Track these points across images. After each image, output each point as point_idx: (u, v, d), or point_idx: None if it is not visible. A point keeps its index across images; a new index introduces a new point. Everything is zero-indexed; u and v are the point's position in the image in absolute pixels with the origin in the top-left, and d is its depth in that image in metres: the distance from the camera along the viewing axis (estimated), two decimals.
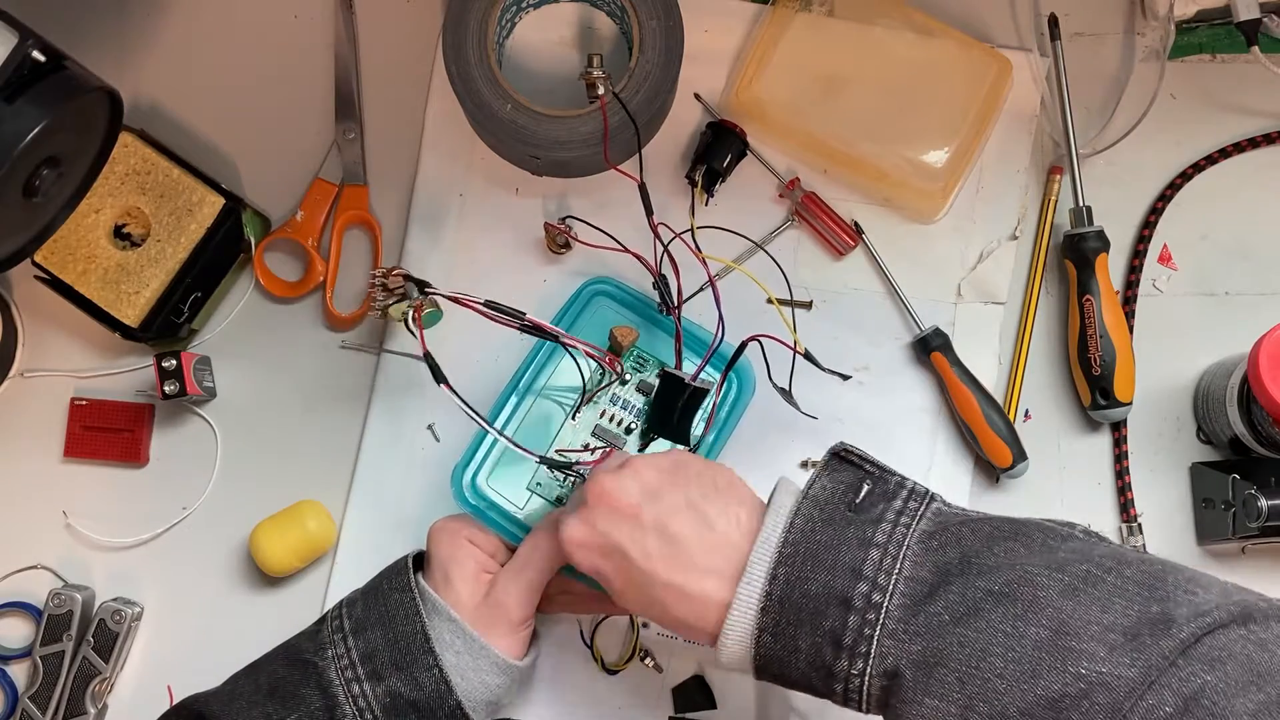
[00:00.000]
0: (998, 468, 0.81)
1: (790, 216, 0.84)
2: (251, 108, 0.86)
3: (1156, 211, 0.85)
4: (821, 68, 0.83)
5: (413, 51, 0.86)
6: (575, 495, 0.68)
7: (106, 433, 0.82)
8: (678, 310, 0.75)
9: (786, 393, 0.76)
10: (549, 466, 0.73)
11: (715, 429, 0.77)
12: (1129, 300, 0.84)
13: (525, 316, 0.71)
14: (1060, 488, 0.83)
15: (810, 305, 0.84)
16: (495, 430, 0.71)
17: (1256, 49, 0.83)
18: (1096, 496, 0.83)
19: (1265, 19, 0.83)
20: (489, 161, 0.85)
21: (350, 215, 0.84)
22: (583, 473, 0.73)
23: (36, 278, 0.80)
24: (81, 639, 0.79)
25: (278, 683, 0.67)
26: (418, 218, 0.84)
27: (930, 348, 0.82)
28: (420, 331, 0.71)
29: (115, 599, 0.80)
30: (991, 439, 0.80)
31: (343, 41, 0.86)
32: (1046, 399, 0.84)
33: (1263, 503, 0.76)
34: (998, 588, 0.55)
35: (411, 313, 0.71)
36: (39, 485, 0.83)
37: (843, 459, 0.63)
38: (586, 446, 0.76)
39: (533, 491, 0.77)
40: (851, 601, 0.57)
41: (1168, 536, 0.82)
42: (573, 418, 0.78)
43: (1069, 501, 0.83)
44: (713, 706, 0.79)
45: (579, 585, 0.74)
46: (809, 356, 0.76)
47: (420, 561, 0.73)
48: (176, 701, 0.70)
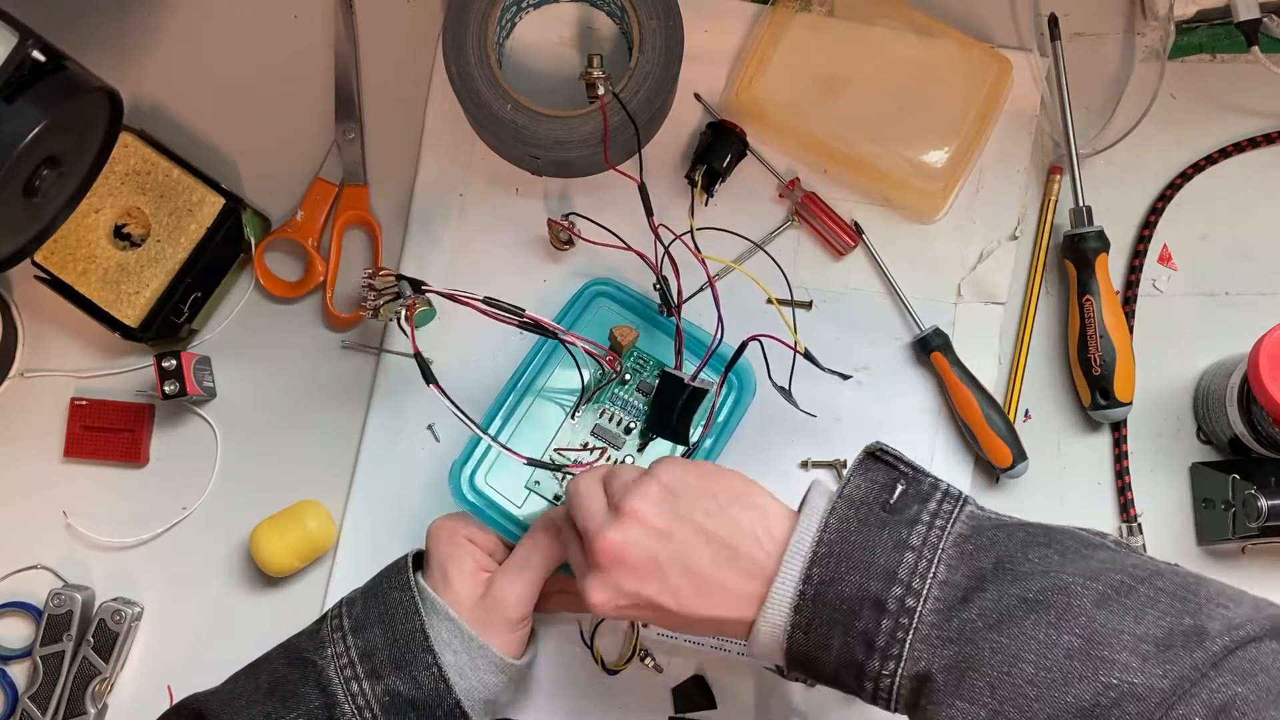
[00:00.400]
0: (998, 468, 0.81)
1: (790, 216, 0.84)
2: (251, 108, 0.86)
3: (1156, 211, 0.85)
4: (821, 68, 0.83)
5: (413, 51, 0.86)
6: (574, 553, 0.67)
7: (106, 433, 0.82)
8: (678, 311, 0.75)
9: (786, 392, 0.76)
10: (538, 468, 0.73)
11: (716, 430, 0.77)
12: (1129, 300, 0.84)
13: (524, 313, 0.71)
14: (1060, 488, 0.83)
15: (810, 305, 0.84)
16: (482, 432, 0.71)
17: (1256, 49, 0.83)
18: (1096, 496, 0.83)
19: (1265, 19, 0.83)
20: (489, 161, 0.85)
21: (350, 215, 0.84)
22: (572, 472, 0.73)
23: (36, 278, 0.80)
24: (81, 639, 0.79)
25: (277, 682, 0.67)
26: (418, 218, 0.84)
27: (930, 348, 0.82)
28: (411, 330, 0.71)
29: (115, 599, 0.80)
30: (991, 439, 0.80)
31: (343, 41, 0.86)
32: (1046, 399, 0.84)
33: (1263, 503, 0.76)
34: (1032, 595, 0.55)
35: (404, 312, 0.71)
36: (39, 485, 0.83)
37: (877, 459, 0.63)
38: (585, 446, 0.76)
39: (531, 490, 0.77)
40: (885, 604, 0.57)
41: (1168, 536, 0.82)
42: (572, 417, 0.78)
43: (1069, 501, 0.83)
44: (713, 706, 0.79)
45: (579, 585, 0.74)
46: (809, 356, 0.76)
47: (420, 560, 0.73)
48: (176, 701, 0.70)
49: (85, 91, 0.65)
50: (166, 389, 0.79)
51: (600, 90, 0.77)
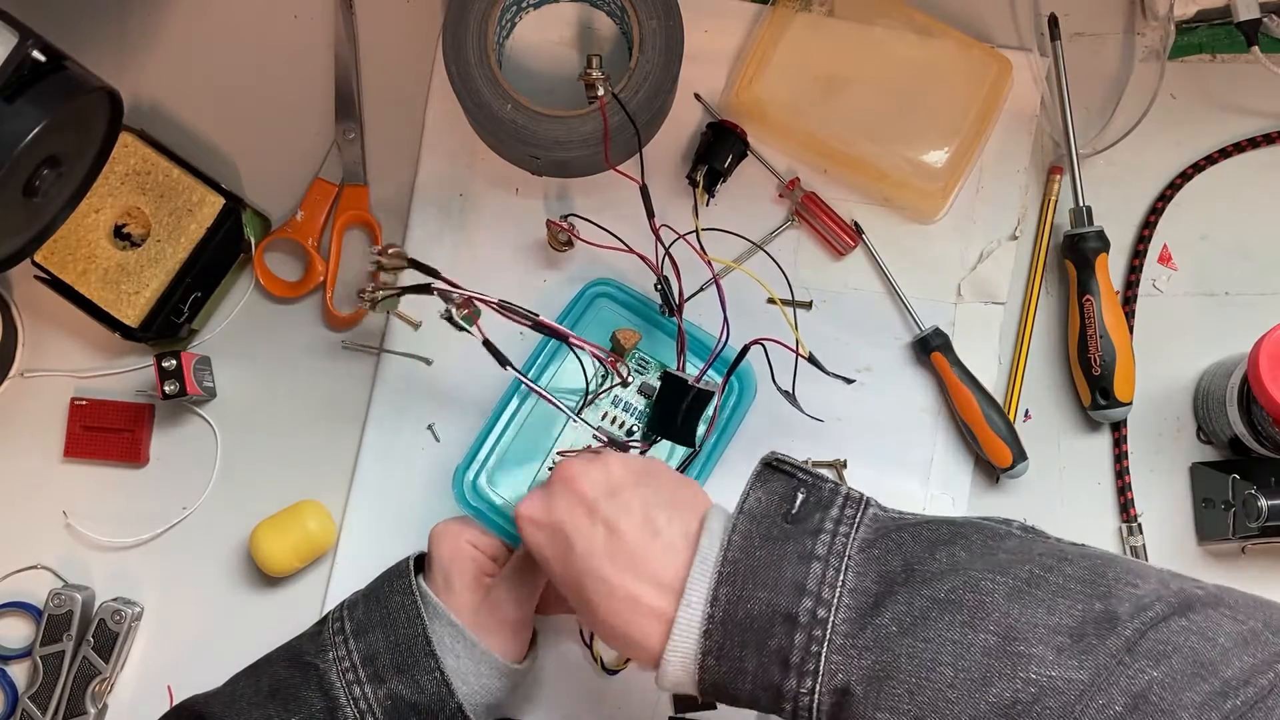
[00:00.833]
0: (998, 468, 0.81)
1: (790, 216, 0.84)
2: (251, 108, 0.86)
3: (1156, 211, 0.85)
4: (821, 68, 0.83)
5: (413, 51, 0.86)
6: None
7: (106, 433, 0.82)
8: (679, 313, 0.75)
9: (790, 395, 0.76)
10: (610, 440, 0.72)
11: (716, 431, 0.77)
12: (1129, 300, 0.84)
13: (538, 317, 0.71)
14: (1060, 488, 0.83)
15: (810, 305, 0.84)
16: (552, 399, 0.72)
17: (1256, 49, 0.83)
18: (1096, 496, 0.83)
19: (1265, 19, 0.83)
20: (489, 161, 0.85)
21: (350, 215, 0.84)
22: (628, 443, 0.73)
23: (36, 278, 0.80)
24: (81, 639, 0.79)
25: (279, 684, 0.67)
26: (418, 218, 0.84)
27: (930, 348, 0.82)
28: (478, 325, 0.72)
29: (115, 599, 0.80)
30: (991, 439, 0.80)
31: (343, 41, 0.86)
32: (1046, 399, 0.84)
33: (1263, 503, 0.76)
34: (943, 595, 0.54)
35: (454, 311, 0.71)
36: (39, 485, 0.83)
37: (774, 468, 0.62)
38: (589, 448, 0.76)
39: None
40: (797, 618, 0.55)
41: (1168, 536, 0.82)
42: (574, 419, 0.77)
43: (1069, 501, 0.83)
44: (713, 707, 0.79)
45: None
46: (814, 360, 0.76)
47: (421, 563, 0.73)
48: (177, 702, 0.70)
49: (85, 91, 0.65)
50: (166, 389, 0.79)
51: (600, 90, 0.77)
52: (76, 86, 0.65)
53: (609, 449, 0.69)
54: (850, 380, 0.78)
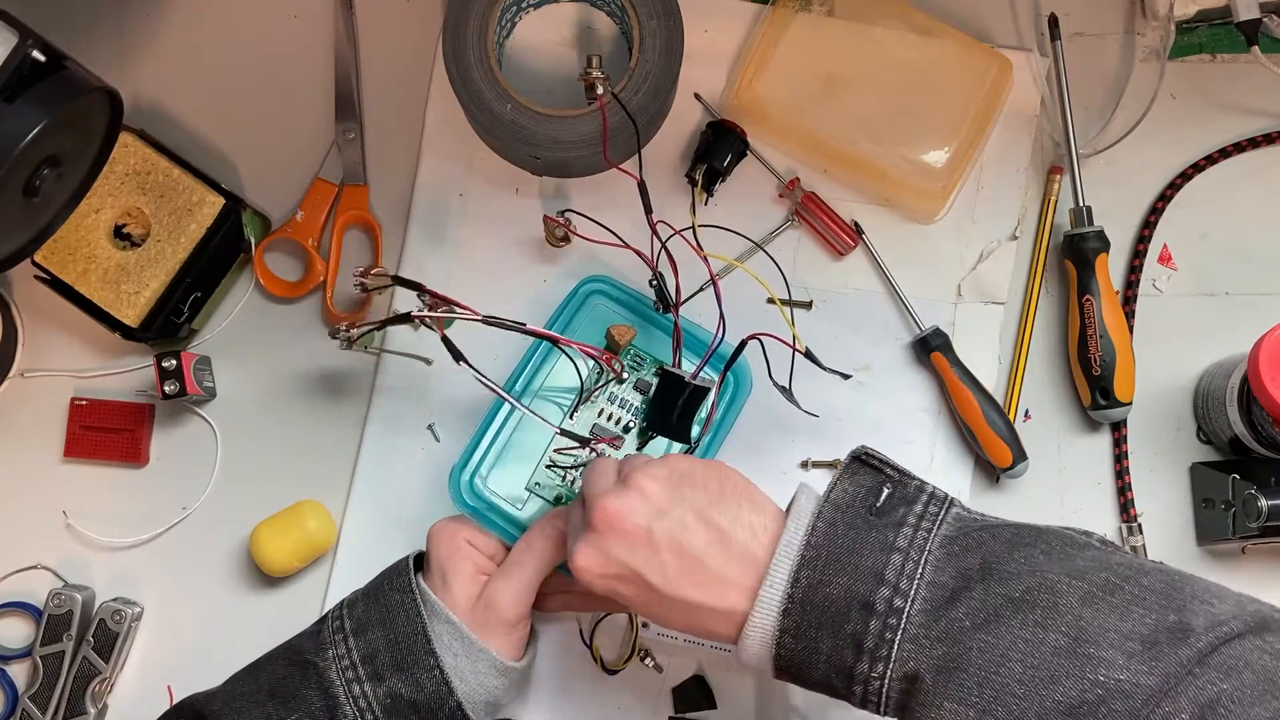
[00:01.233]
0: (998, 468, 0.81)
1: (790, 216, 0.84)
2: (251, 108, 0.86)
3: (1156, 211, 0.85)
4: (821, 68, 0.83)
5: (413, 51, 0.86)
6: (574, 514, 0.67)
7: (106, 433, 0.82)
8: (676, 309, 0.75)
9: (787, 391, 0.76)
10: (571, 439, 0.72)
11: (714, 428, 0.77)
12: (1129, 300, 0.84)
13: (525, 326, 0.71)
14: (1060, 488, 0.83)
15: (810, 305, 0.84)
16: (513, 400, 0.71)
17: (1256, 49, 0.83)
18: (1096, 496, 0.83)
19: (1265, 19, 0.83)
20: (489, 161, 0.85)
21: (350, 215, 0.84)
22: (598, 450, 0.73)
23: (36, 278, 0.80)
24: (81, 639, 0.79)
25: (278, 683, 0.67)
26: (418, 218, 0.84)
27: (930, 348, 0.82)
28: (439, 327, 0.71)
29: (115, 599, 0.80)
30: (991, 439, 0.80)
31: (343, 41, 0.86)
32: (1046, 399, 0.84)
33: (1263, 503, 0.76)
34: (1018, 594, 0.55)
35: (429, 323, 0.71)
36: (39, 485, 0.83)
37: (863, 462, 0.63)
38: (586, 444, 0.76)
39: (531, 492, 0.77)
40: (874, 606, 0.57)
41: (1168, 536, 0.82)
42: (570, 417, 0.78)
43: (1069, 501, 0.83)
44: (713, 706, 0.79)
45: (578, 584, 0.74)
46: (810, 355, 0.76)
47: (421, 562, 0.73)
48: (176, 701, 0.70)
49: (85, 91, 0.65)
50: (166, 389, 0.79)
51: (599, 90, 0.77)
52: (76, 86, 0.65)
53: (606, 458, 0.68)
54: (846, 376, 0.78)
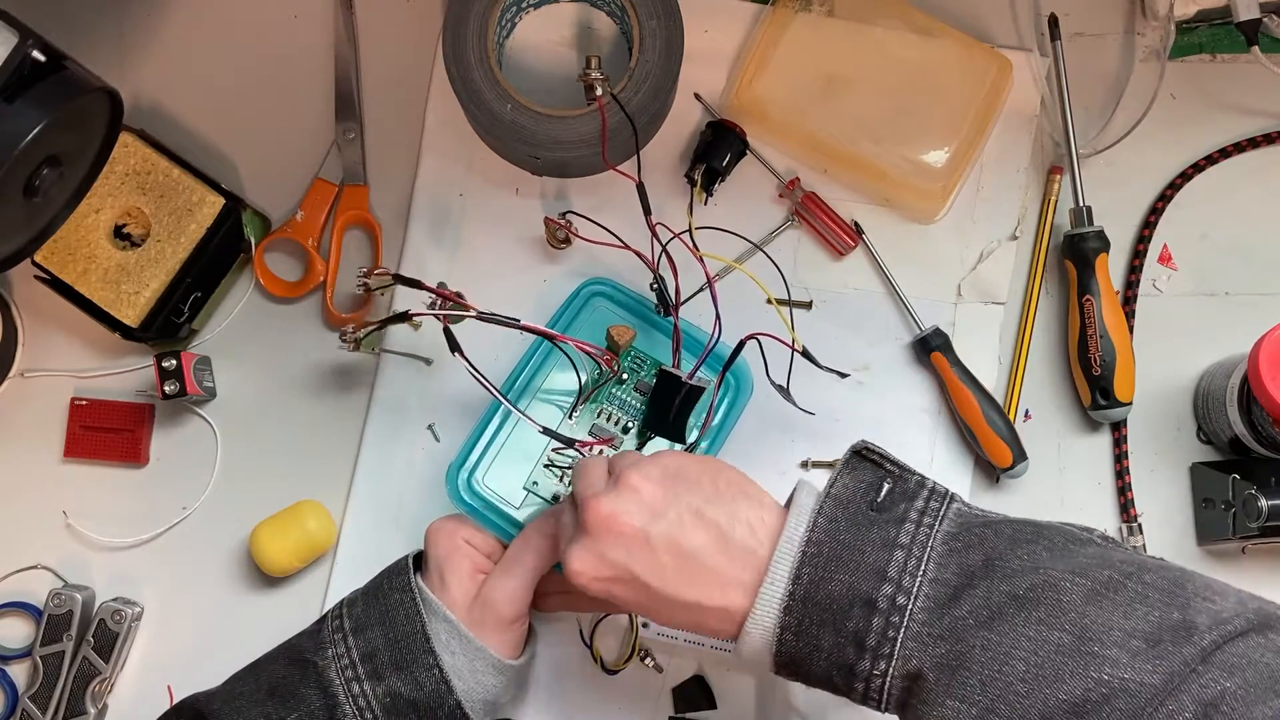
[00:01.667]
0: (998, 468, 0.81)
1: (790, 216, 0.84)
2: (251, 108, 0.86)
3: (1156, 211, 0.85)
4: (821, 68, 0.83)
5: (413, 51, 0.86)
6: (566, 516, 0.66)
7: (106, 433, 0.82)
8: (675, 310, 0.75)
9: (784, 389, 0.76)
10: (556, 440, 0.72)
11: (714, 430, 0.77)
12: (1129, 300, 0.84)
13: (520, 322, 0.70)
14: (1060, 488, 0.83)
15: (810, 306, 0.84)
16: (503, 397, 0.71)
17: (1256, 49, 0.83)
18: (1096, 496, 0.83)
19: (1265, 19, 0.83)
20: (489, 161, 0.85)
21: (350, 215, 0.85)
22: (584, 453, 0.73)
23: (36, 278, 0.80)
24: (81, 639, 0.79)
25: (278, 682, 0.67)
26: (418, 218, 0.84)
27: (930, 348, 0.82)
28: (445, 321, 0.71)
29: (115, 599, 0.80)
30: (991, 439, 0.80)
31: (343, 41, 0.86)
32: (1046, 399, 0.84)
33: (1263, 503, 0.76)
34: (1022, 591, 0.55)
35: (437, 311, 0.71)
36: (39, 485, 0.83)
37: (863, 457, 0.63)
38: (571, 444, 0.76)
39: (529, 491, 0.77)
40: (876, 603, 0.57)
41: (1168, 536, 0.82)
42: (570, 417, 0.78)
43: (1069, 501, 0.83)
44: (713, 706, 0.79)
45: (562, 553, 0.74)
46: (807, 354, 0.76)
47: (420, 562, 0.73)
48: (176, 701, 0.70)
49: (85, 91, 0.65)
50: (166, 389, 0.79)
51: (598, 91, 0.77)
52: (76, 86, 0.65)
53: (594, 458, 0.68)
54: (844, 374, 0.78)
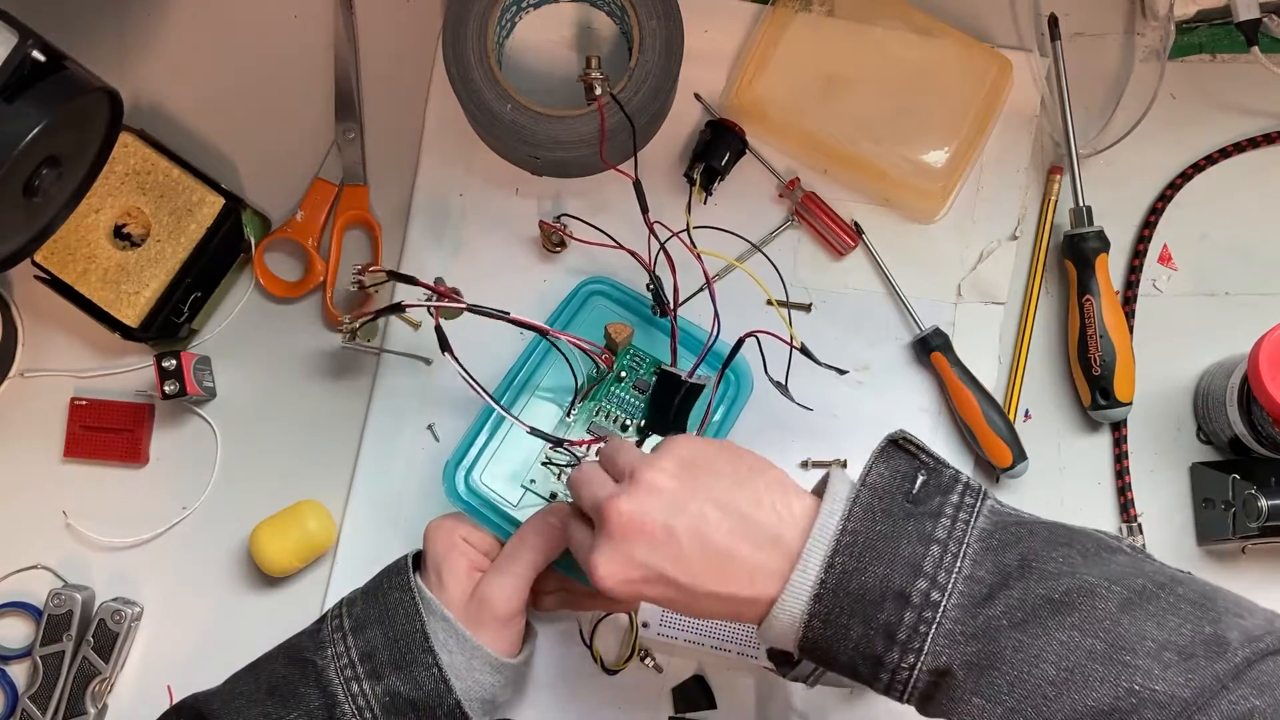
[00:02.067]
0: (998, 468, 0.81)
1: (790, 216, 0.84)
2: (251, 108, 0.86)
3: (1156, 211, 0.85)
4: (821, 68, 0.83)
5: (413, 51, 0.86)
6: (577, 530, 0.64)
7: (106, 433, 0.82)
8: (674, 310, 0.75)
9: (781, 386, 0.76)
10: (544, 440, 0.72)
11: (713, 428, 0.77)
12: (1129, 300, 0.84)
13: (509, 314, 0.70)
14: (1060, 488, 0.83)
15: (810, 307, 0.84)
16: (494, 401, 0.71)
17: (1256, 49, 0.83)
18: (1096, 496, 0.83)
19: (1265, 19, 0.83)
20: (489, 161, 0.85)
21: (350, 215, 0.85)
22: (576, 453, 0.73)
23: (36, 278, 0.80)
24: (81, 639, 0.79)
25: (278, 682, 0.67)
26: (418, 218, 0.84)
27: (930, 348, 0.82)
28: (437, 316, 0.71)
29: (115, 599, 0.80)
30: (991, 439, 0.80)
31: (343, 41, 0.86)
32: (1046, 399, 0.84)
33: (1263, 503, 0.76)
34: (1058, 595, 0.55)
35: (430, 310, 0.72)
36: (39, 485, 0.83)
37: (899, 446, 0.61)
38: (587, 445, 0.76)
39: (526, 488, 0.77)
40: (909, 598, 0.56)
41: (1168, 536, 0.82)
42: (567, 415, 0.78)
43: (1069, 501, 0.83)
44: (713, 706, 0.79)
45: (576, 583, 0.74)
46: (805, 351, 0.76)
47: (420, 561, 0.73)
48: (176, 701, 0.70)
49: (85, 91, 0.65)
50: (166, 389, 0.79)
51: (598, 91, 0.77)
52: (76, 86, 0.65)
53: (587, 464, 0.67)
54: (843, 371, 0.78)
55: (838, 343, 0.82)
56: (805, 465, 0.82)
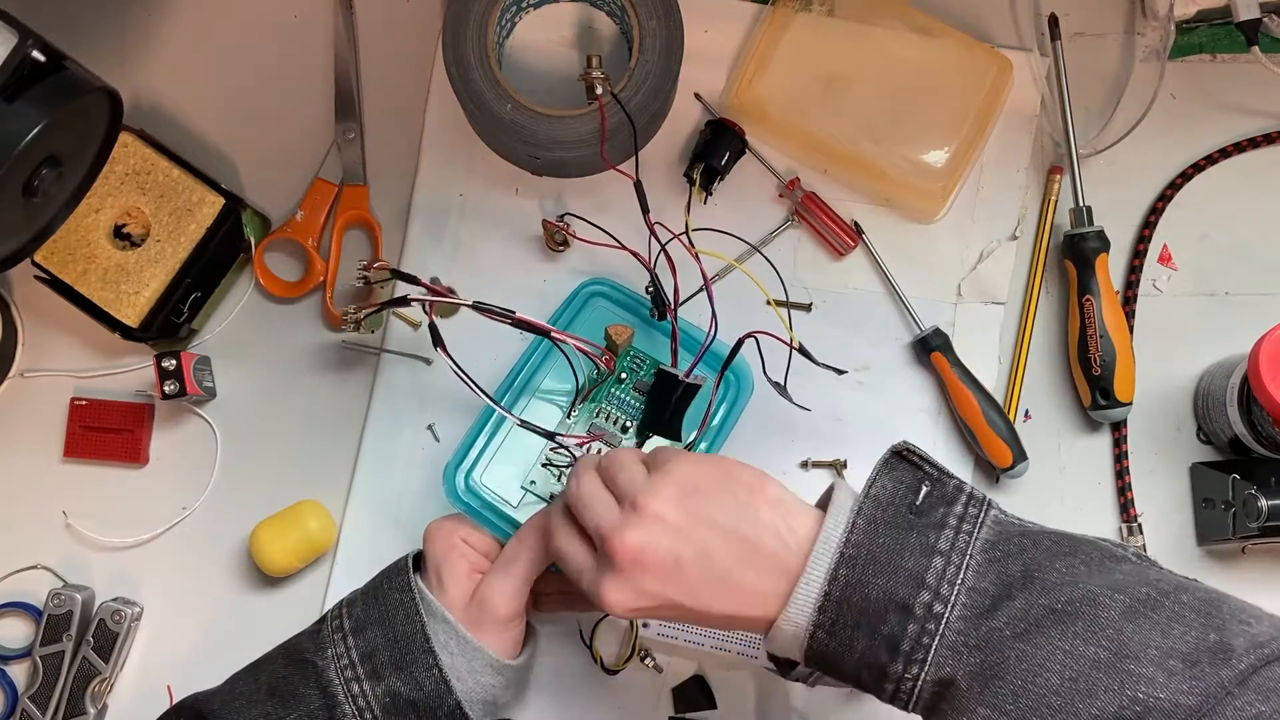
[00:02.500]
0: (998, 468, 0.81)
1: (790, 216, 0.84)
2: (251, 108, 0.86)
3: (1156, 211, 0.85)
4: (821, 68, 0.83)
5: (413, 51, 0.86)
6: (576, 552, 0.63)
7: (106, 433, 0.82)
8: (674, 310, 0.75)
9: (780, 386, 0.76)
10: (541, 435, 0.72)
11: (714, 430, 0.77)
12: (1129, 300, 0.84)
13: (514, 314, 0.70)
14: (1060, 488, 0.83)
15: (810, 307, 0.84)
16: (493, 400, 0.71)
17: (1256, 49, 0.83)
18: (1096, 496, 0.83)
19: (1265, 19, 0.83)
20: (489, 161, 0.85)
21: (350, 215, 0.85)
22: (573, 452, 0.73)
23: (36, 278, 0.80)
24: (81, 639, 0.79)
25: (278, 682, 0.67)
26: (418, 218, 0.84)
27: (930, 348, 0.82)
28: (431, 313, 0.71)
29: (115, 599, 0.80)
30: (991, 439, 0.80)
31: (343, 41, 0.86)
32: (1046, 399, 0.84)
33: (1263, 503, 0.76)
34: (1060, 605, 0.55)
35: (425, 305, 0.72)
36: (39, 485, 0.83)
37: (902, 457, 0.62)
38: (583, 443, 0.76)
39: (526, 489, 0.77)
40: (912, 609, 0.56)
41: (1168, 536, 0.82)
42: (568, 416, 0.78)
43: (1069, 501, 0.83)
44: (713, 706, 0.79)
45: (591, 586, 0.74)
46: (804, 351, 0.76)
47: (420, 561, 0.73)
48: (176, 701, 0.70)
49: (85, 91, 0.65)
50: (166, 389, 0.79)
51: (599, 90, 0.77)
52: (76, 86, 0.65)
53: (591, 482, 0.67)
54: (841, 371, 0.78)
55: (838, 343, 0.82)
56: (805, 465, 0.82)
